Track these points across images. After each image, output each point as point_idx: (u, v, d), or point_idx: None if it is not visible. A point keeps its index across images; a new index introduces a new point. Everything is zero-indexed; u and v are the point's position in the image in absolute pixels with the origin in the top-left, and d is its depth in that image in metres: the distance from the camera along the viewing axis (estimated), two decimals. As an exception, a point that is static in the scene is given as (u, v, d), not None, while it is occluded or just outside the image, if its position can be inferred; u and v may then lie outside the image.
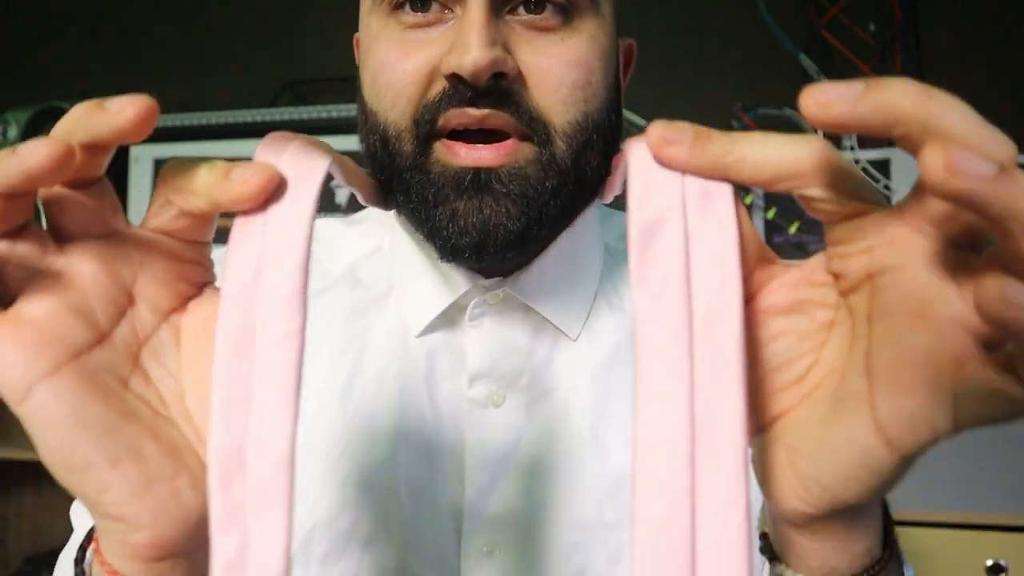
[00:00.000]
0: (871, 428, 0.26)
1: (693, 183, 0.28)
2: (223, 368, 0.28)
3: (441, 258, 0.47)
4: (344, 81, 1.74)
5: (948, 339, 0.25)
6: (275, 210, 0.29)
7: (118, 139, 0.27)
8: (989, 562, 1.12)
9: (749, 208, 1.33)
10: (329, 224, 0.59)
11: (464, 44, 0.41)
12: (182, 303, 0.31)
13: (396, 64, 0.45)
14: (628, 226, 0.28)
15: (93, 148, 0.27)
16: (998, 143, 0.24)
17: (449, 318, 0.52)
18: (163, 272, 0.31)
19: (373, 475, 0.49)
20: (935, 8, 1.52)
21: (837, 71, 1.49)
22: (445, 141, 0.44)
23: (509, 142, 0.44)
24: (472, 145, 0.44)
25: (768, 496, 0.31)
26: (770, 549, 0.35)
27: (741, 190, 0.89)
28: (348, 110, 1.44)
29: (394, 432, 0.50)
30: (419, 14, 0.45)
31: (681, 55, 1.62)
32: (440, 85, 0.44)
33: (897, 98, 0.24)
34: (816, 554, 0.32)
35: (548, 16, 0.45)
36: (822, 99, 0.24)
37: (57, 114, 1.61)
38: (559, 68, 0.44)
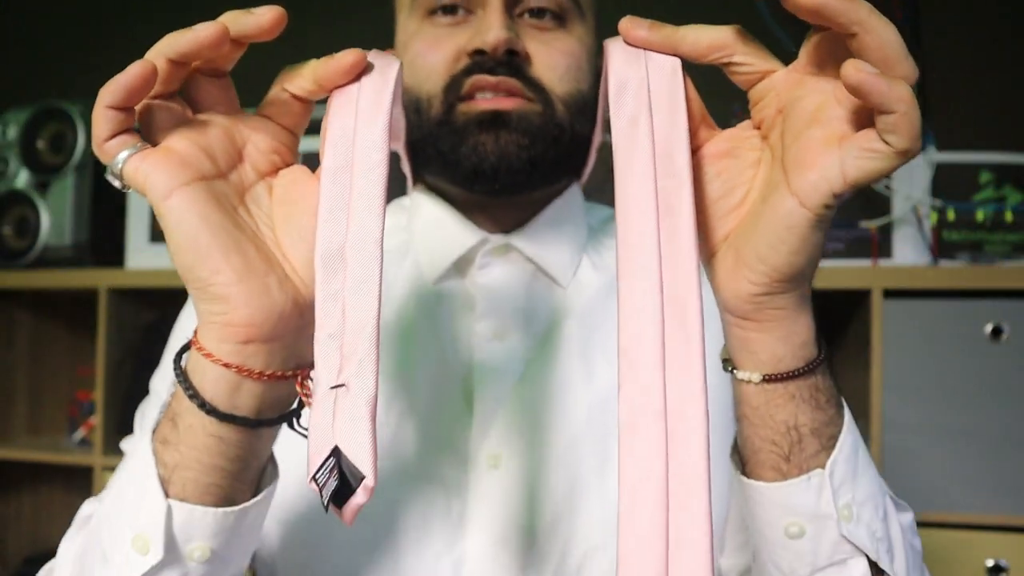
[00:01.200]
0: (788, 195, 0.37)
1: (654, 57, 0.41)
2: (328, 187, 0.38)
3: (465, 185, 0.59)
4: (344, 81, 1.74)
5: (832, 127, 0.37)
6: (366, 81, 0.39)
7: (257, 35, 0.38)
8: (989, 562, 1.12)
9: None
10: None
11: (487, 27, 0.55)
12: (274, 171, 0.43)
13: (431, 51, 0.58)
14: (608, 86, 0.39)
15: (236, 41, 0.39)
16: None
17: (460, 269, 0.62)
18: (264, 144, 0.42)
19: (394, 397, 0.58)
20: (935, 8, 1.52)
21: (837, 71, 1.49)
22: (466, 101, 0.57)
23: (520, 99, 0.56)
24: (491, 98, 0.56)
25: (722, 293, 0.41)
26: (730, 363, 0.44)
27: None
28: (348, 110, 1.44)
29: (412, 362, 0.59)
30: (448, 16, 0.59)
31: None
32: (464, 61, 0.57)
33: None
34: (765, 345, 0.41)
35: (547, 20, 0.59)
36: None
37: (57, 114, 1.60)
38: (557, 55, 0.58)
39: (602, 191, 0.63)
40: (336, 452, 0.35)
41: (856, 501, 0.44)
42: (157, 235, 1.50)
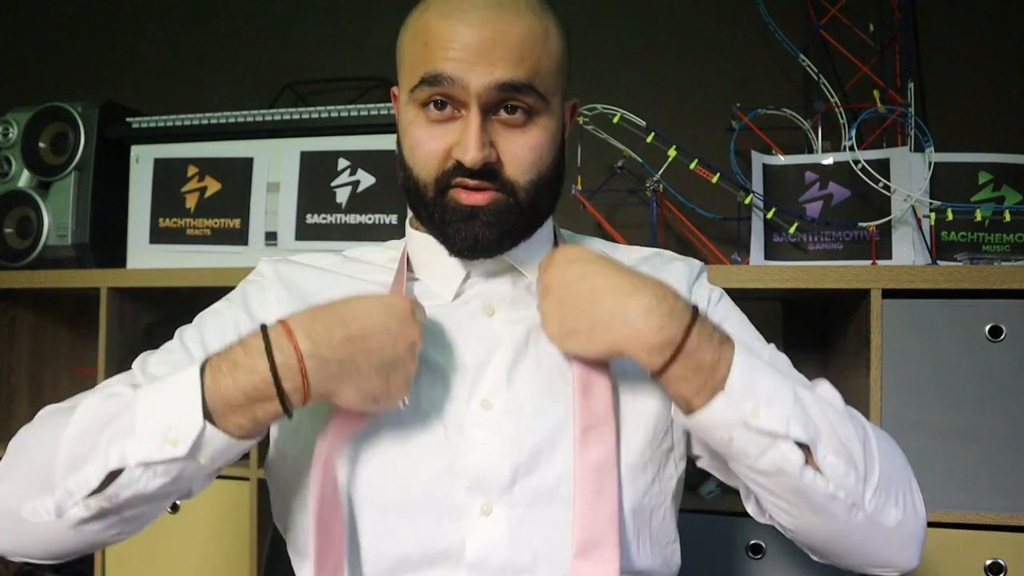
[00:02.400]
0: None
1: None
2: None
3: (451, 254, 0.77)
4: (344, 81, 1.75)
5: None
6: None
7: None
8: (988, 561, 1.12)
9: (749, 208, 1.33)
10: (362, 248, 0.89)
11: (466, 146, 0.71)
12: None
13: (426, 145, 0.74)
14: None
15: None
16: None
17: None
18: None
19: (420, 366, 0.73)
20: (934, 8, 1.52)
21: (837, 71, 1.49)
22: (453, 190, 0.74)
23: (491, 192, 0.74)
24: (469, 193, 0.74)
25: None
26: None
27: (741, 190, 1.01)
28: (348, 110, 1.44)
29: (428, 344, 0.75)
30: (439, 111, 0.74)
31: (681, 55, 1.62)
32: (451, 162, 0.73)
33: None
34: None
35: (518, 116, 0.74)
36: None
37: (59, 114, 1.60)
38: (522, 151, 0.74)
39: (603, 191, 0.63)
40: None
41: (761, 401, 0.64)
42: (157, 236, 1.50)
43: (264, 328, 0.64)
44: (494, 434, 0.72)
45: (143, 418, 0.61)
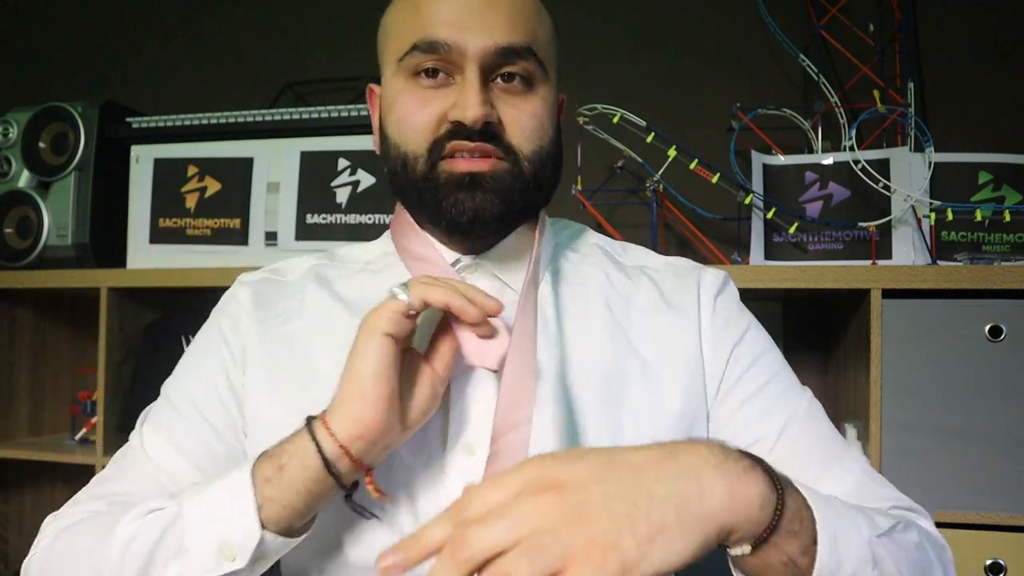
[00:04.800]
0: None
1: None
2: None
3: (445, 234, 0.71)
4: (344, 81, 1.74)
5: None
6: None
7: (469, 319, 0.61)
8: (988, 562, 1.12)
9: (749, 208, 1.33)
10: (351, 247, 0.82)
11: (465, 103, 0.65)
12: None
13: (416, 113, 0.67)
14: None
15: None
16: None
17: None
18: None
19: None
20: (934, 8, 1.52)
21: (837, 71, 1.49)
22: (447, 160, 0.67)
23: (493, 159, 0.66)
24: (469, 159, 0.66)
25: None
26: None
27: (741, 190, 1.00)
28: (348, 110, 1.44)
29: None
30: (431, 79, 0.67)
31: (681, 55, 1.62)
32: (446, 126, 0.66)
33: None
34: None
35: (516, 84, 0.68)
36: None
37: (59, 114, 1.60)
38: (524, 118, 0.68)
39: (603, 191, 0.63)
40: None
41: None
42: (157, 236, 1.50)
43: (308, 422, 0.59)
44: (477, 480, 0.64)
45: (195, 535, 0.57)
